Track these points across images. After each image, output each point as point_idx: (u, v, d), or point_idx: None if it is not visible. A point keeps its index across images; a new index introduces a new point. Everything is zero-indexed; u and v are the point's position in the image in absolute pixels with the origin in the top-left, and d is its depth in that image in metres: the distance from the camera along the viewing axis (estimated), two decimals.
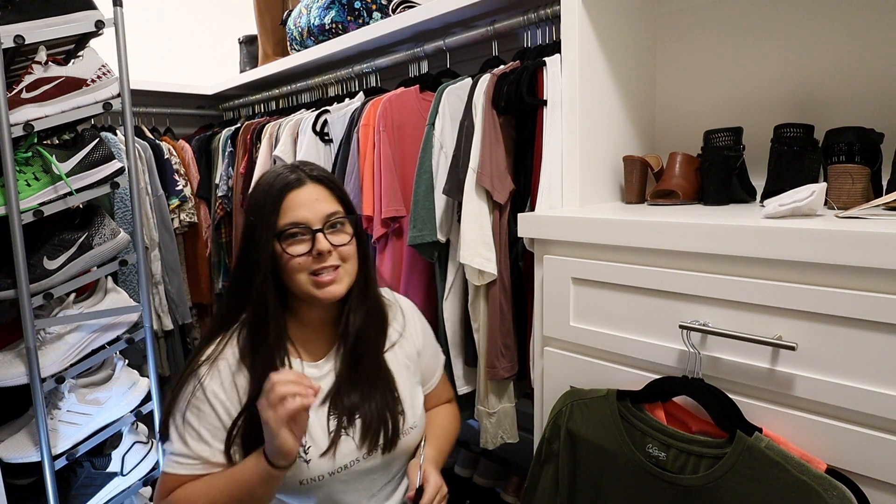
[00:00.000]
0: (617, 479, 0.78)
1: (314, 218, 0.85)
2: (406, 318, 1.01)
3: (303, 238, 0.84)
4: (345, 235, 0.87)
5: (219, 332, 0.90)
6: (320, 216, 0.85)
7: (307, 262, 0.84)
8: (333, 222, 0.86)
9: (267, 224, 0.84)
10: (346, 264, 0.87)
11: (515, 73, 1.10)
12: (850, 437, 0.65)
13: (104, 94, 1.23)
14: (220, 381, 0.85)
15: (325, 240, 0.84)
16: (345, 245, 0.87)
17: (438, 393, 1.06)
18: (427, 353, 1.03)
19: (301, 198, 0.85)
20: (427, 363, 1.03)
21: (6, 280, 1.15)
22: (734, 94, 1.17)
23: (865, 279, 0.62)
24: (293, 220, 0.84)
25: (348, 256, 0.88)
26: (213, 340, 0.89)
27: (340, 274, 0.86)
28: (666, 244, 0.77)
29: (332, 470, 0.86)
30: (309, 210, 0.85)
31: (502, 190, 1.10)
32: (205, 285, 2.08)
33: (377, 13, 1.61)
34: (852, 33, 1.02)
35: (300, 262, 0.84)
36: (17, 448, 1.22)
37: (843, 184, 0.83)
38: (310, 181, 0.87)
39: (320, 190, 0.87)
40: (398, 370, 0.95)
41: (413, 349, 1.00)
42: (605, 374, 0.87)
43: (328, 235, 0.85)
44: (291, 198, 0.85)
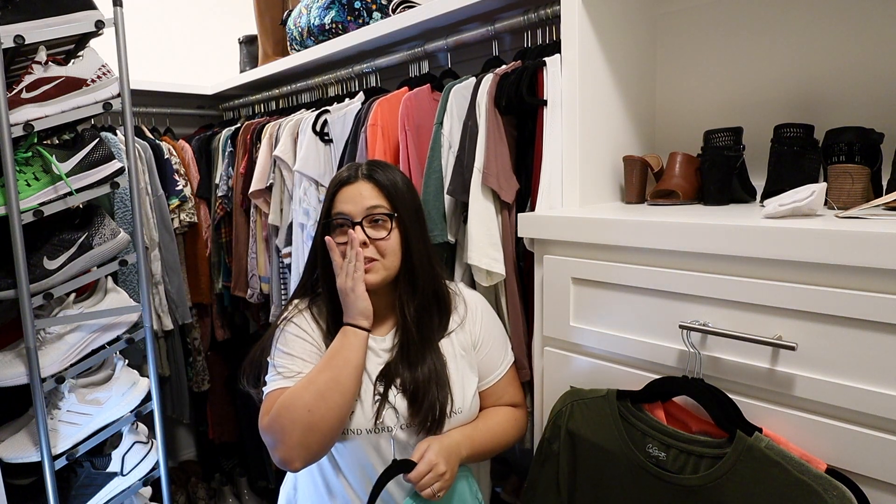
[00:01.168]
0: (617, 479, 0.78)
1: (356, 211, 0.95)
2: (468, 310, 1.04)
3: (346, 228, 0.94)
4: (383, 230, 0.95)
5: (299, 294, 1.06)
6: (361, 210, 0.95)
7: (346, 252, 0.93)
8: (374, 217, 0.95)
9: (322, 213, 0.99)
10: (385, 259, 0.95)
11: (516, 73, 1.10)
12: (850, 437, 0.65)
13: (104, 94, 1.23)
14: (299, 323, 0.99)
15: (361, 232, 0.93)
16: (382, 239, 0.94)
17: (498, 393, 1.05)
18: (486, 347, 1.04)
19: (349, 192, 0.96)
20: (486, 356, 1.04)
21: (6, 280, 1.15)
22: (734, 94, 1.17)
23: (865, 279, 0.62)
24: (338, 211, 0.96)
25: (386, 251, 0.95)
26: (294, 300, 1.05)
27: (376, 266, 0.95)
28: (666, 244, 0.77)
29: (370, 428, 0.92)
30: (353, 204, 0.95)
31: (509, 189, 1.10)
32: (205, 285, 2.08)
33: (377, 13, 1.61)
34: (852, 33, 1.02)
35: (342, 251, 0.94)
36: (17, 448, 1.22)
37: (843, 184, 0.83)
38: (361, 178, 0.97)
39: (368, 187, 0.96)
40: (451, 357, 0.99)
41: (469, 340, 1.02)
42: (605, 374, 0.87)
43: (367, 229, 0.94)
44: (343, 192, 0.97)
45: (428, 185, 1.19)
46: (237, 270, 1.92)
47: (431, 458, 0.88)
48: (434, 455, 0.88)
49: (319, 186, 1.50)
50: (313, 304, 1.03)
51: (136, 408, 1.36)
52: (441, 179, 1.19)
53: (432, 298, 1.00)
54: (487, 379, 1.04)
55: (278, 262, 1.72)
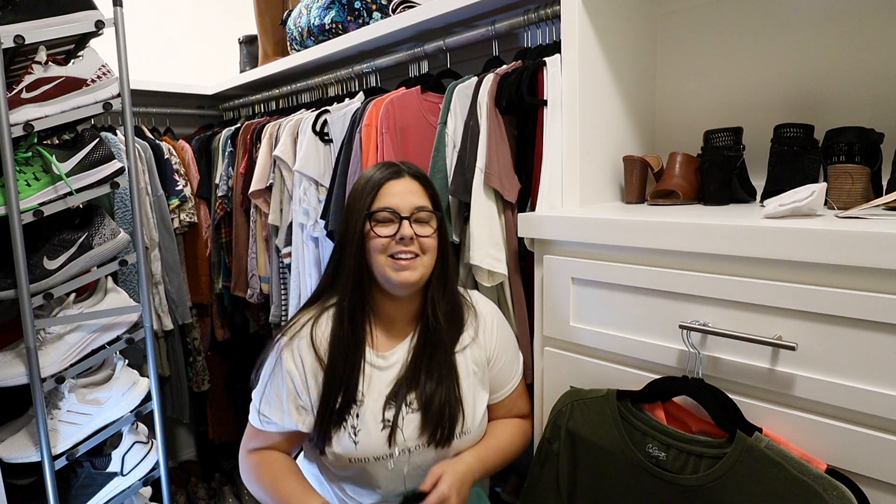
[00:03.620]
0: (617, 479, 0.78)
1: (404, 206, 0.94)
2: (480, 323, 1.03)
3: (391, 222, 0.94)
4: (429, 229, 0.96)
5: (311, 304, 1.03)
6: (410, 206, 0.94)
7: (389, 245, 0.93)
8: (420, 216, 0.95)
9: (362, 205, 0.95)
10: (424, 256, 0.95)
11: (516, 73, 1.10)
12: (850, 437, 0.65)
13: (104, 94, 1.23)
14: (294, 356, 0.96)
15: (409, 227, 0.93)
16: (426, 237, 0.95)
17: (509, 405, 1.06)
18: (500, 361, 1.03)
19: (397, 188, 0.96)
20: (499, 372, 1.03)
21: (6, 280, 1.15)
22: (734, 94, 1.17)
23: (865, 279, 0.62)
24: (386, 204, 0.94)
25: (427, 249, 0.95)
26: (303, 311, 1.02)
27: (416, 263, 0.94)
28: (666, 244, 0.77)
29: (379, 455, 0.92)
30: (401, 199, 0.95)
31: (511, 189, 1.10)
32: (205, 285, 2.08)
33: (377, 13, 1.61)
34: (852, 33, 1.02)
35: (383, 243, 0.93)
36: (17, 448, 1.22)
37: (843, 184, 0.83)
38: (408, 175, 0.98)
39: (415, 185, 0.97)
40: (465, 374, 0.98)
41: (483, 356, 1.01)
42: (605, 374, 0.87)
43: (413, 225, 0.94)
44: (389, 186, 0.96)
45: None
46: (237, 270, 1.92)
47: (444, 490, 0.87)
48: (447, 487, 0.88)
49: (319, 186, 1.50)
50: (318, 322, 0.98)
51: (136, 408, 1.36)
52: (445, 179, 1.19)
53: (454, 303, 1.01)
54: (499, 393, 1.04)
55: (278, 262, 1.72)
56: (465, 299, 1.04)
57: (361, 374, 0.95)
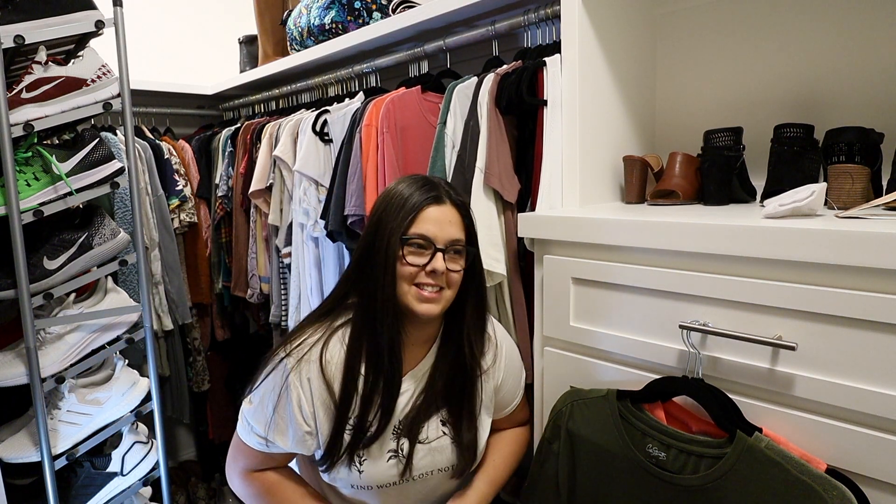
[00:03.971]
0: (617, 479, 0.78)
1: (441, 237, 0.88)
2: (498, 354, 1.00)
3: (424, 251, 0.88)
4: (459, 264, 0.91)
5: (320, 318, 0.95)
6: (447, 238, 0.88)
7: (416, 273, 0.87)
8: (456, 249, 0.90)
9: (399, 224, 0.88)
10: (449, 290, 0.90)
11: (516, 73, 1.10)
12: (850, 437, 0.65)
13: (104, 94, 1.23)
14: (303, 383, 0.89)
15: (442, 261, 0.87)
16: (456, 272, 0.90)
17: (512, 418, 1.06)
18: (506, 387, 1.02)
19: (437, 214, 0.89)
20: (504, 395, 1.02)
21: (6, 280, 1.15)
22: (734, 94, 1.17)
23: (865, 279, 0.62)
24: (423, 231, 0.87)
25: (454, 283, 0.91)
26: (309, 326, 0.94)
27: (441, 296, 0.89)
28: (666, 244, 0.77)
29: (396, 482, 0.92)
30: (439, 229, 0.88)
31: (511, 189, 1.10)
32: (205, 285, 2.08)
33: (377, 13, 1.61)
34: (852, 33, 1.02)
35: (411, 272, 0.87)
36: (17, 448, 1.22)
37: (843, 184, 0.83)
38: (450, 203, 0.91)
39: (456, 214, 0.91)
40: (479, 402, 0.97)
41: (492, 385, 1.00)
42: (605, 374, 0.87)
43: (446, 258, 0.88)
44: (430, 211, 0.88)
45: None
46: (237, 270, 1.92)
47: None
48: None
49: (319, 186, 1.50)
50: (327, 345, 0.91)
51: (136, 408, 1.36)
52: (445, 179, 1.19)
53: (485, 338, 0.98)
54: (502, 412, 1.04)
55: (278, 262, 1.72)
56: (488, 333, 1.00)
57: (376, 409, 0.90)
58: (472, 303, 0.94)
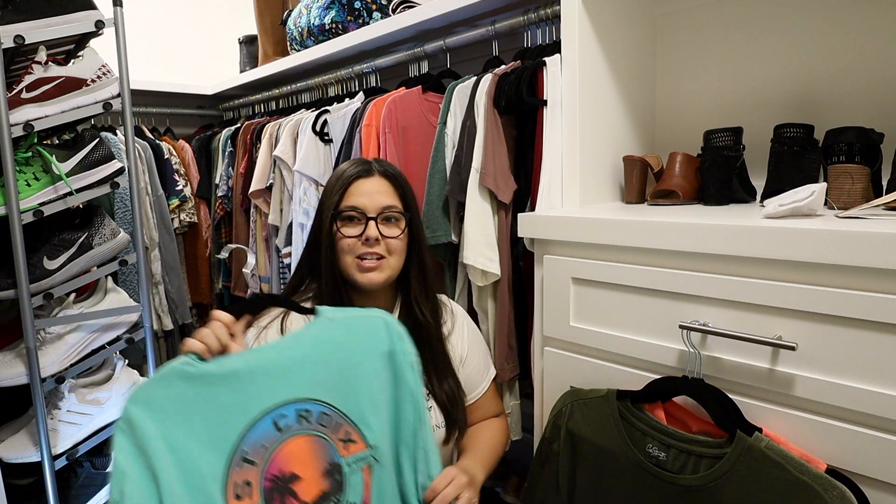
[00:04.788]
0: (617, 479, 0.78)
1: (371, 207, 0.93)
2: (455, 322, 1.03)
3: (357, 223, 0.93)
4: (396, 230, 0.94)
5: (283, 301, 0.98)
6: (378, 206, 0.93)
7: (355, 245, 0.92)
8: (388, 215, 0.94)
9: (330, 204, 0.94)
10: (391, 257, 0.94)
11: (516, 73, 1.10)
12: (850, 437, 0.65)
13: (104, 94, 1.23)
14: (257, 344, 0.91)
15: (375, 228, 0.91)
16: (393, 238, 0.93)
17: (484, 406, 1.06)
18: (472, 362, 1.03)
19: (365, 187, 0.94)
20: (470, 373, 1.03)
21: (6, 280, 1.15)
22: (734, 94, 1.17)
23: (865, 279, 0.62)
24: (353, 204, 0.93)
25: (394, 250, 0.94)
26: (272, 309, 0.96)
27: (383, 264, 0.93)
28: (666, 244, 0.77)
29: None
30: (368, 199, 0.93)
31: (507, 190, 1.10)
32: (205, 285, 2.08)
33: (377, 13, 1.61)
34: (852, 33, 1.02)
35: (349, 244, 0.92)
36: (17, 448, 1.22)
37: (843, 184, 0.83)
38: (378, 174, 0.96)
39: (385, 184, 0.95)
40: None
41: (458, 356, 1.01)
42: (605, 374, 0.87)
43: (380, 225, 0.92)
44: (357, 185, 0.94)
45: (432, 185, 1.19)
46: (237, 270, 1.92)
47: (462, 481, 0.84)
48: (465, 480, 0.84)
49: (319, 186, 1.50)
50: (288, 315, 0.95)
51: None
52: (445, 179, 1.19)
53: (437, 302, 1.01)
54: (472, 395, 1.04)
55: (278, 262, 1.72)
56: (441, 300, 1.05)
57: None
58: (415, 267, 0.98)
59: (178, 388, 0.68)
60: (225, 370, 0.70)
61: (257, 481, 0.68)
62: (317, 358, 0.75)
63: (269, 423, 0.69)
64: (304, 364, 0.74)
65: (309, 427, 0.71)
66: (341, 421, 0.73)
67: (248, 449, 0.68)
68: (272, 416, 0.70)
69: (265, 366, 0.72)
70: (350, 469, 0.72)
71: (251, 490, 0.67)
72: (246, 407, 0.69)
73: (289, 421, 0.71)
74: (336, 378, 0.75)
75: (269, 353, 0.73)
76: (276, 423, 0.70)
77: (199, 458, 0.66)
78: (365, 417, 0.75)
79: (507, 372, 1.13)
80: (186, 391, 0.68)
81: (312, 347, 0.75)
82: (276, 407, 0.70)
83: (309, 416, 0.72)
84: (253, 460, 0.68)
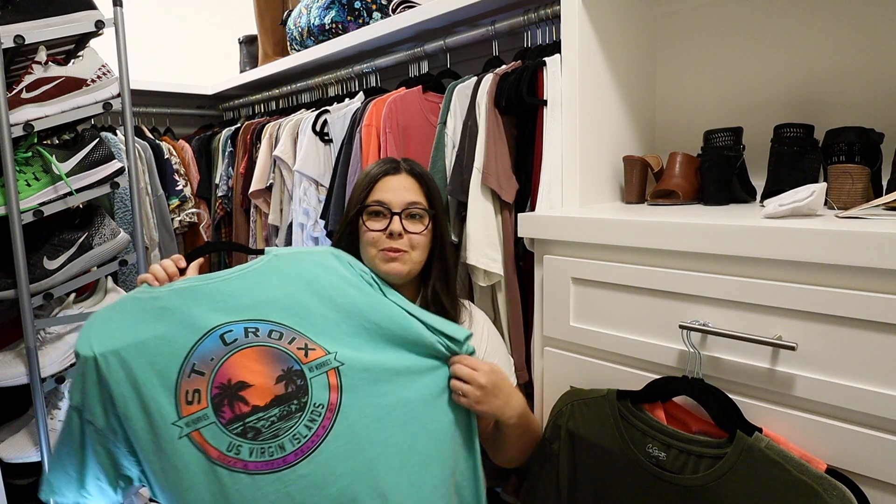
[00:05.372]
0: (617, 479, 0.78)
1: (397, 202, 0.95)
2: (474, 324, 1.03)
3: (383, 217, 0.95)
4: (420, 226, 0.96)
5: None
6: (402, 202, 0.95)
7: (379, 239, 0.94)
8: (413, 211, 0.96)
9: (360, 198, 0.97)
10: (414, 252, 0.95)
11: (516, 73, 1.10)
12: (850, 437, 0.65)
13: (104, 94, 1.23)
14: None
15: (399, 223, 0.94)
16: (417, 234, 0.95)
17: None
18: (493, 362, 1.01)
19: (392, 183, 0.97)
20: None
21: (6, 280, 1.15)
22: (734, 94, 1.17)
23: (865, 279, 0.62)
24: (379, 198, 0.95)
25: (417, 245, 0.96)
26: None
27: (405, 257, 0.94)
28: (666, 244, 0.77)
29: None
30: (394, 195, 0.95)
31: (509, 189, 1.10)
32: None
33: (377, 13, 1.61)
34: (852, 33, 1.02)
35: (374, 237, 0.94)
36: (17, 448, 1.22)
37: (843, 184, 0.83)
38: (405, 172, 0.98)
39: (411, 182, 0.98)
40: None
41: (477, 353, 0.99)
42: (605, 374, 0.87)
43: (404, 221, 0.95)
44: (384, 181, 0.97)
45: None
46: None
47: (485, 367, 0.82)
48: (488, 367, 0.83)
49: (319, 186, 1.50)
50: None
51: None
52: (445, 179, 1.19)
53: (457, 299, 1.02)
54: None
55: None
56: (461, 302, 1.05)
57: None
58: (438, 263, 1.00)
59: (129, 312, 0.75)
60: (171, 292, 0.77)
61: (206, 389, 0.72)
62: (262, 284, 0.80)
63: (216, 338, 0.74)
64: (249, 289, 0.79)
65: (257, 340, 0.75)
66: (294, 335, 0.76)
67: (196, 362, 0.72)
68: (218, 332, 0.74)
69: (209, 289, 0.78)
70: (312, 373, 0.75)
71: (200, 397, 0.71)
72: (193, 325, 0.74)
73: (235, 335, 0.74)
74: (285, 300, 0.79)
75: (214, 280, 0.79)
76: (222, 338, 0.74)
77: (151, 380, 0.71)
78: (321, 332, 0.78)
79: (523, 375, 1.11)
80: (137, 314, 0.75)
81: (258, 276, 0.81)
82: (223, 324, 0.75)
83: (257, 332, 0.75)
84: (202, 371, 0.72)
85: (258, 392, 0.72)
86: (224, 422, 0.70)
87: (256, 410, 0.71)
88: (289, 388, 0.73)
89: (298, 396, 0.73)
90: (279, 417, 0.71)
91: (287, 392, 0.73)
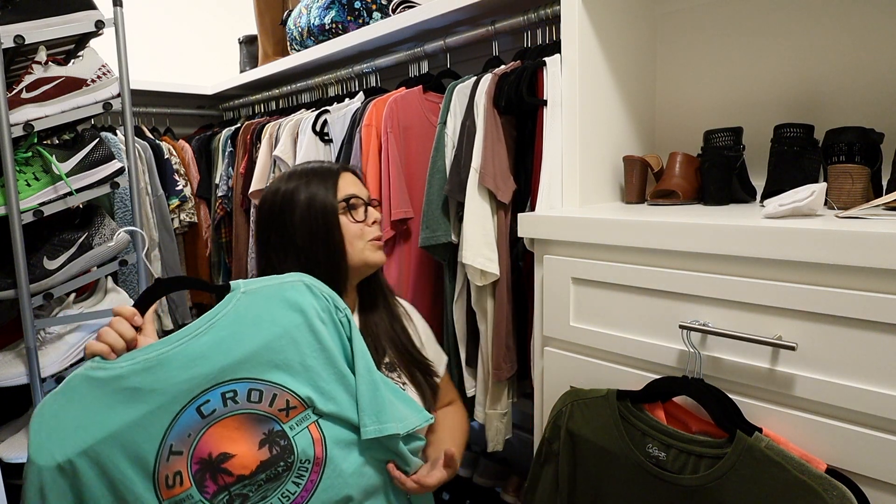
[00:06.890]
0: (617, 480, 0.78)
1: (363, 194, 0.96)
2: (413, 319, 1.04)
3: (359, 209, 0.94)
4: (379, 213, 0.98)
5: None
6: (366, 195, 0.97)
7: (365, 229, 0.93)
8: (374, 203, 0.98)
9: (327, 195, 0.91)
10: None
11: (516, 73, 1.10)
12: (850, 437, 0.65)
13: (104, 94, 1.23)
14: None
15: (376, 211, 0.96)
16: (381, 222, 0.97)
17: (443, 392, 1.05)
18: (429, 352, 1.03)
19: (349, 178, 0.96)
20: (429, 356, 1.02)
21: (6, 280, 1.15)
22: (734, 94, 1.17)
23: (865, 279, 0.62)
24: (350, 192, 0.93)
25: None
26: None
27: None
28: (666, 244, 0.77)
29: None
30: (357, 189, 0.95)
31: (506, 190, 1.10)
32: None
33: (377, 13, 1.61)
34: (852, 33, 1.02)
35: (361, 228, 0.93)
36: (17, 448, 1.22)
37: (843, 184, 0.83)
38: (349, 171, 0.98)
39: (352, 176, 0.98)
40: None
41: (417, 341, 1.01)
42: (605, 374, 0.87)
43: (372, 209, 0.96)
44: (344, 176, 0.95)
45: (432, 185, 1.19)
46: (237, 270, 1.92)
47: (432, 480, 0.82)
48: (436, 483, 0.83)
49: None
50: None
51: None
52: (445, 178, 1.19)
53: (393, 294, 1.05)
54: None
55: None
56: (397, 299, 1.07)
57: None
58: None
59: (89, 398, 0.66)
60: (136, 367, 0.67)
61: (186, 468, 0.68)
62: (236, 335, 0.72)
63: (192, 411, 0.68)
64: (222, 344, 0.71)
65: (237, 407, 0.70)
66: (275, 391, 0.72)
67: (173, 442, 0.67)
68: (195, 404, 0.69)
69: (178, 355, 0.69)
70: (294, 430, 0.72)
71: (181, 478, 0.67)
72: (167, 404, 0.67)
73: (213, 405, 0.69)
74: (262, 351, 0.72)
75: (182, 341, 0.70)
76: (199, 410, 0.69)
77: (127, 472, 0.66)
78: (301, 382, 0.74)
79: (504, 371, 1.13)
80: (100, 398, 0.66)
81: (229, 326, 0.72)
82: (199, 395, 0.69)
83: (235, 397, 0.70)
84: (180, 450, 0.68)
85: (241, 461, 0.69)
86: (209, 496, 0.68)
87: (242, 479, 0.69)
88: (273, 451, 0.71)
89: (284, 457, 0.71)
90: (266, 479, 0.70)
91: (272, 456, 0.71)
